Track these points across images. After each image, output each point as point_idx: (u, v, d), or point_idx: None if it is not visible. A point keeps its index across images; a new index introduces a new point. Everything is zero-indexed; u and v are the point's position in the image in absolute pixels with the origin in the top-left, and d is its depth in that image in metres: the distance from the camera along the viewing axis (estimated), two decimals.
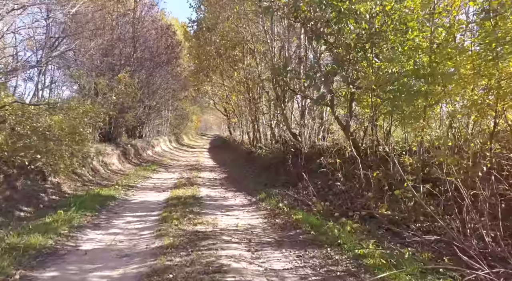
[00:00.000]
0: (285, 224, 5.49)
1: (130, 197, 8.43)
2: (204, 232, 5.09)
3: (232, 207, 7.18)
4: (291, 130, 10.33)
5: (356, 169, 6.96)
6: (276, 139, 13.11)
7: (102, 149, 13.14)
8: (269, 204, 6.97)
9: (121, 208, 7.12)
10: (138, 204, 7.62)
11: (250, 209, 6.92)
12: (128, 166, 14.70)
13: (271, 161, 12.11)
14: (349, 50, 5.44)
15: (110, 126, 15.45)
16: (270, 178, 10.20)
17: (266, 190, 8.92)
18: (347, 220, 5.22)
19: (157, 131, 29.01)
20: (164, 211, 6.60)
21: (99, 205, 6.96)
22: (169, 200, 7.84)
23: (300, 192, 7.29)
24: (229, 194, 8.93)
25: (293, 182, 9.03)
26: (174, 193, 8.71)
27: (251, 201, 7.78)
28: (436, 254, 3.63)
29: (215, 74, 18.72)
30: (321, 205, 6.26)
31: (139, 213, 6.69)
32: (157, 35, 19.28)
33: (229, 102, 23.57)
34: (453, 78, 3.74)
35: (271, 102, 13.52)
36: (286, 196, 7.30)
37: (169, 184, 10.74)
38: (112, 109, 10.66)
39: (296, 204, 6.69)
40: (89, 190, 8.54)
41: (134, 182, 10.82)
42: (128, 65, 14.51)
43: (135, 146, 17.80)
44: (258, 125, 17.03)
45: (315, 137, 10.08)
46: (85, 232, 5.18)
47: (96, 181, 10.38)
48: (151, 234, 5.12)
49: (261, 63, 14.01)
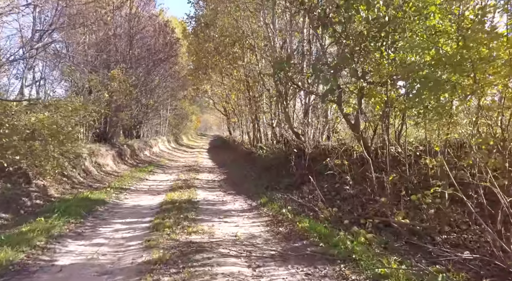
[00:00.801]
0: (289, 234, 4.91)
1: (122, 201, 7.85)
2: (199, 243, 4.52)
3: (231, 212, 6.61)
4: (293, 129, 9.76)
5: (366, 172, 6.39)
6: (277, 139, 12.54)
7: (96, 149, 12.58)
8: (272, 210, 6.40)
9: (110, 214, 6.55)
10: (129, 209, 7.05)
11: (250, 215, 6.34)
12: (123, 167, 14.13)
13: (272, 162, 11.54)
14: (360, 40, 4.88)
15: (105, 125, 14.90)
16: (271, 180, 9.62)
17: (268, 193, 8.35)
18: (359, 229, 4.64)
19: (155, 131, 28.47)
20: (157, 217, 6.03)
21: (86, 210, 6.39)
22: (163, 204, 7.27)
23: (305, 196, 6.71)
24: (228, 197, 8.36)
25: (296, 184, 8.47)
26: (170, 196, 8.14)
27: (252, 205, 7.20)
28: (472, 274, 3.06)
29: (214, 72, 18.14)
30: (328, 211, 5.68)
31: (129, 220, 6.11)
32: (155, 33, 18.75)
33: (228, 101, 23.00)
34: (492, 66, 3.18)
35: (272, 100, 12.93)
36: (290, 201, 6.71)
37: (165, 186, 10.17)
38: (105, 107, 10.07)
39: (301, 209, 6.11)
40: (78, 194, 7.97)
41: (128, 184, 10.25)
42: (123, 62, 13.94)
43: (131, 147, 17.23)
44: (258, 124, 16.46)
45: (319, 137, 9.51)
46: (65, 243, 4.61)
47: (88, 183, 9.81)
48: (140, 245, 4.55)
49: (261, 60, 13.45)
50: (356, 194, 6.07)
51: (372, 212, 5.08)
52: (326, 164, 8.42)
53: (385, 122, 6.76)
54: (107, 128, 15.02)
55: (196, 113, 43.38)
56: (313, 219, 5.52)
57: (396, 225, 4.22)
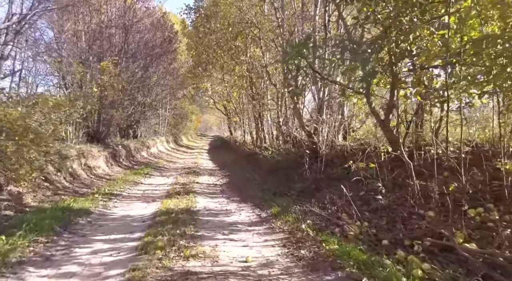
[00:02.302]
0: (315, 259, 3.83)
1: (110, 210, 6.78)
2: (198, 275, 3.44)
3: (237, 226, 5.53)
4: (305, 127, 8.68)
5: (400, 177, 5.32)
6: (285, 139, 11.45)
7: (86, 150, 11.50)
8: (286, 223, 5.31)
9: (92, 228, 5.47)
10: (116, 221, 5.97)
11: (261, 230, 5.25)
12: (117, 169, 13.05)
13: (279, 164, 10.46)
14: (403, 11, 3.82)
15: (98, 124, 13.83)
16: (279, 184, 8.55)
17: (277, 200, 7.28)
18: (407, 254, 3.57)
19: (154, 131, 27.38)
20: (148, 233, 4.96)
21: (63, 224, 5.32)
22: (158, 215, 6.20)
23: (326, 206, 5.62)
24: (232, 205, 7.28)
25: (310, 191, 7.39)
26: (165, 204, 7.07)
27: (261, 217, 6.12)
28: None
29: (215, 68, 17.05)
30: (358, 227, 4.61)
31: (115, 236, 5.03)
32: (152, 27, 17.69)
33: (230, 100, 21.94)
34: None
35: (279, 95, 11.83)
36: (308, 212, 5.62)
37: (161, 191, 9.10)
38: (94, 103, 8.97)
39: (323, 224, 5.03)
40: (60, 201, 6.90)
41: (119, 189, 9.17)
42: (117, 55, 12.86)
43: (127, 147, 16.15)
44: (262, 123, 15.37)
45: (334, 136, 8.43)
46: (22, 274, 3.53)
47: (74, 188, 8.73)
48: (121, 278, 3.47)
49: (267, 53, 12.37)
50: (389, 205, 4.99)
51: (420, 231, 4.00)
52: (345, 168, 7.36)
53: (421, 117, 5.70)
54: (100, 127, 13.95)
55: (196, 113, 42.25)
56: (340, 237, 4.44)
57: (463, 253, 3.14)
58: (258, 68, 14.96)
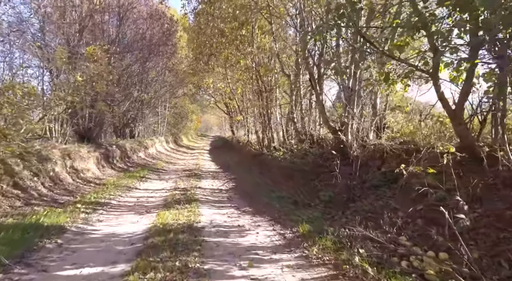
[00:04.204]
0: None
1: (91, 227, 5.35)
2: None
3: (257, 252, 4.10)
4: (329, 123, 7.26)
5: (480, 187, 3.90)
6: (300, 137, 10.02)
7: (73, 150, 10.08)
8: (325, 250, 3.89)
9: (61, 255, 4.04)
10: (96, 244, 4.54)
11: (292, 260, 3.81)
12: (110, 172, 11.64)
13: (294, 166, 9.05)
14: None
15: (89, 122, 12.42)
16: (298, 191, 7.14)
17: (300, 212, 5.88)
18: None
19: (152, 131, 25.97)
20: (136, 265, 3.55)
21: (20, 250, 3.91)
22: (151, 234, 4.79)
23: (379, 225, 4.17)
24: (245, 219, 5.86)
25: (341, 201, 5.99)
26: (162, 217, 5.67)
27: (286, 238, 4.67)
28: None
29: (218, 60, 15.62)
30: (434, 259, 3.20)
31: (89, 269, 3.61)
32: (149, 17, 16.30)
33: (232, 97, 20.54)
34: None
35: (294, 87, 10.39)
36: (354, 234, 4.19)
37: (158, 199, 7.69)
38: (76, 94, 7.54)
39: (380, 252, 3.59)
40: (29, 215, 5.49)
41: (108, 196, 7.75)
42: (110, 44, 11.45)
43: (122, 147, 14.72)
44: (270, 121, 13.94)
45: (365, 134, 7.02)
46: None
47: (53, 196, 7.31)
48: None
49: (277, 42, 10.95)
50: (475, 227, 3.57)
51: None
52: (384, 172, 5.96)
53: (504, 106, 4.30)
54: (91, 125, 12.54)
55: (196, 113, 40.84)
56: (412, 277, 3.03)
57: None
58: (266, 59, 13.56)
